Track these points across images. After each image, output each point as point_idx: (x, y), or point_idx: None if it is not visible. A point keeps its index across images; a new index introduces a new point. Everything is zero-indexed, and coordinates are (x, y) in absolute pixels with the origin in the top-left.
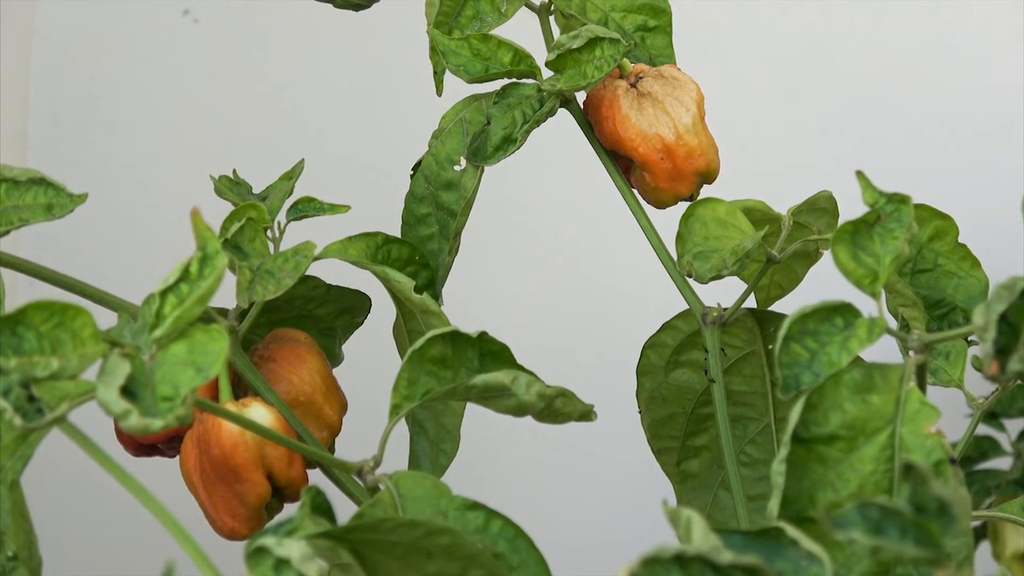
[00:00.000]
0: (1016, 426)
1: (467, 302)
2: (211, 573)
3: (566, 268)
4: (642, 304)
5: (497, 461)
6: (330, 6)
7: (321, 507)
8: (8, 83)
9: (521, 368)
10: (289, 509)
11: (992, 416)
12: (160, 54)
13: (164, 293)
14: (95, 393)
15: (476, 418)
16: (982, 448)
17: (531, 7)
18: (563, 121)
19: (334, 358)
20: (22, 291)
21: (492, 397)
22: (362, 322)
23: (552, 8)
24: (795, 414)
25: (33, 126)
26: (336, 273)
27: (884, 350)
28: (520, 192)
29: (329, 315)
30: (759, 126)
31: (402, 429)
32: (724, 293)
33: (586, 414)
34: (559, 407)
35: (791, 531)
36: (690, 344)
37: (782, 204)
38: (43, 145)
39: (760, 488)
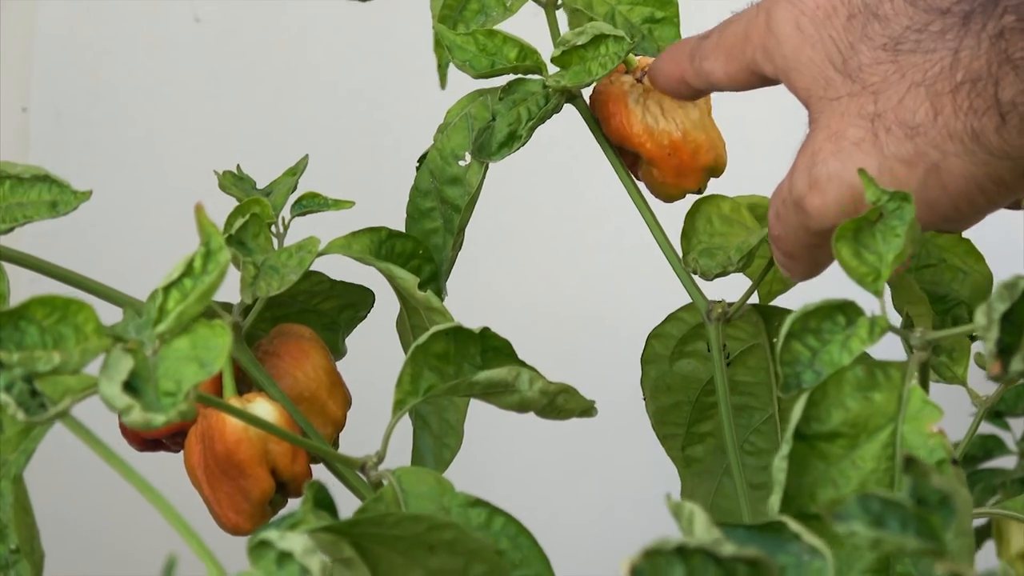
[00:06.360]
0: (1021, 425)
1: (471, 296)
2: (213, 566)
3: (569, 264)
4: (645, 301)
5: (499, 457)
6: (337, 1)
7: (323, 502)
8: (10, 80)
9: (523, 364)
10: (293, 504)
11: (997, 415)
12: (163, 51)
13: (168, 288)
14: (98, 388)
15: (479, 414)
16: (987, 447)
17: (537, 2)
18: (568, 117)
19: (337, 352)
20: (25, 289)
21: (495, 393)
22: (365, 316)
23: (559, 3)
24: (797, 411)
25: (35, 123)
26: (340, 268)
27: (887, 348)
28: (523, 187)
29: (333, 310)
30: (764, 122)
31: (406, 424)
32: (726, 288)
33: (587, 410)
34: (561, 403)
35: (793, 525)
36: (695, 335)
37: None
38: (46, 142)
39: (764, 477)
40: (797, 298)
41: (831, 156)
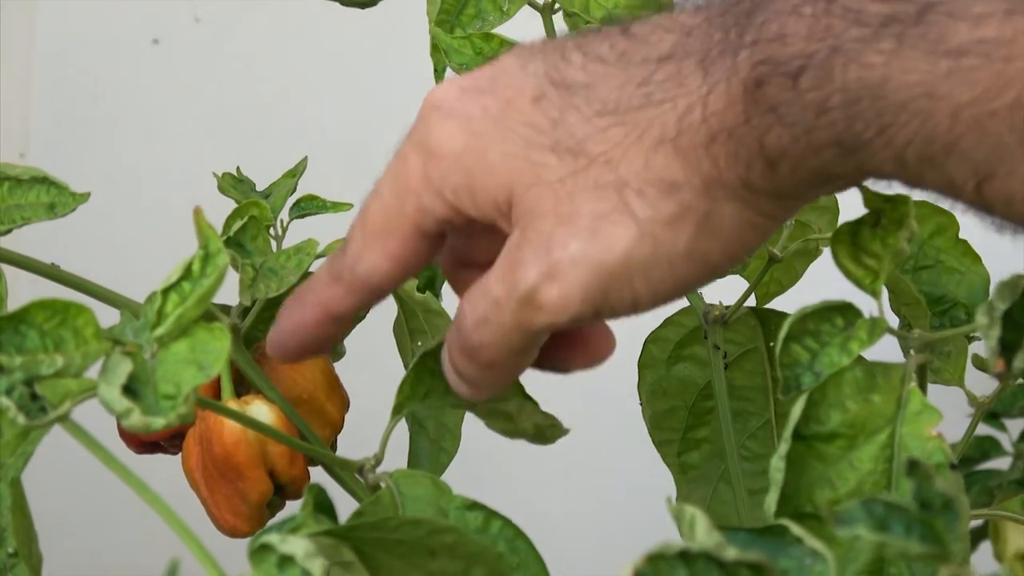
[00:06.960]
0: (1017, 426)
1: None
2: (213, 569)
3: None
4: None
5: (496, 459)
6: (336, 4)
7: (323, 505)
8: (10, 81)
9: (528, 397)
10: (291, 506)
11: (993, 416)
12: (162, 52)
13: (166, 291)
14: (97, 391)
15: (476, 417)
16: (983, 448)
17: (534, 6)
18: None
19: (336, 353)
20: (24, 290)
21: (492, 415)
22: (364, 317)
23: (555, 7)
24: (796, 411)
25: (35, 124)
26: None
27: (885, 350)
28: None
29: None
30: None
31: (403, 426)
32: (722, 290)
33: (560, 434)
34: (548, 435)
35: (795, 529)
36: (691, 339)
37: None
38: (45, 143)
39: (760, 482)
40: (794, 301)
41: (571, 239)
